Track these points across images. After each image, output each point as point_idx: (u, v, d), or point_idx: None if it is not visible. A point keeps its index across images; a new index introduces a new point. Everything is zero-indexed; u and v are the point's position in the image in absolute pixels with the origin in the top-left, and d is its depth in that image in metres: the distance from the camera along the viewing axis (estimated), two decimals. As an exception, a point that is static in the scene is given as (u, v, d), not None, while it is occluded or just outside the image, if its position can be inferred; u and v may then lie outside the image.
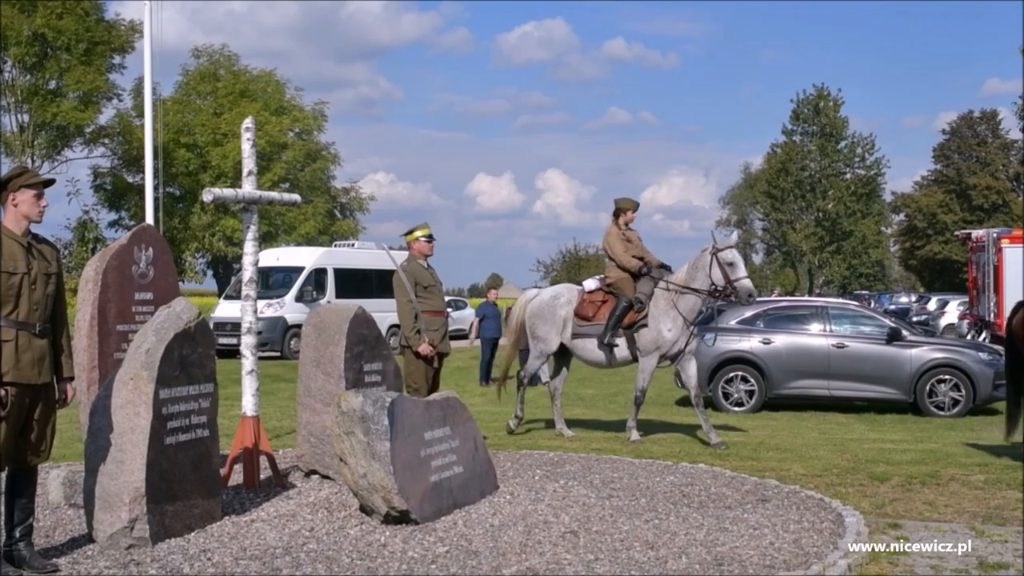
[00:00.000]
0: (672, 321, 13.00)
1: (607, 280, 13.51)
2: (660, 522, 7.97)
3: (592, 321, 13.37)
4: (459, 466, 8.43)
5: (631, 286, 13.18)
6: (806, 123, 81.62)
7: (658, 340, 13.05)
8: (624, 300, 13.07)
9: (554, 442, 13.07)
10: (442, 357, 11.56)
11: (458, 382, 22.90)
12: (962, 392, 17.29)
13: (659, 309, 13.07)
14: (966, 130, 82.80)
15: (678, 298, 13.02)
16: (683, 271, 13.24)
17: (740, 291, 13.01)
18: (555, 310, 13.73)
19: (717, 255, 12.97)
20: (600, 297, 13.51)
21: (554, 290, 14.55)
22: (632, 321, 13.09)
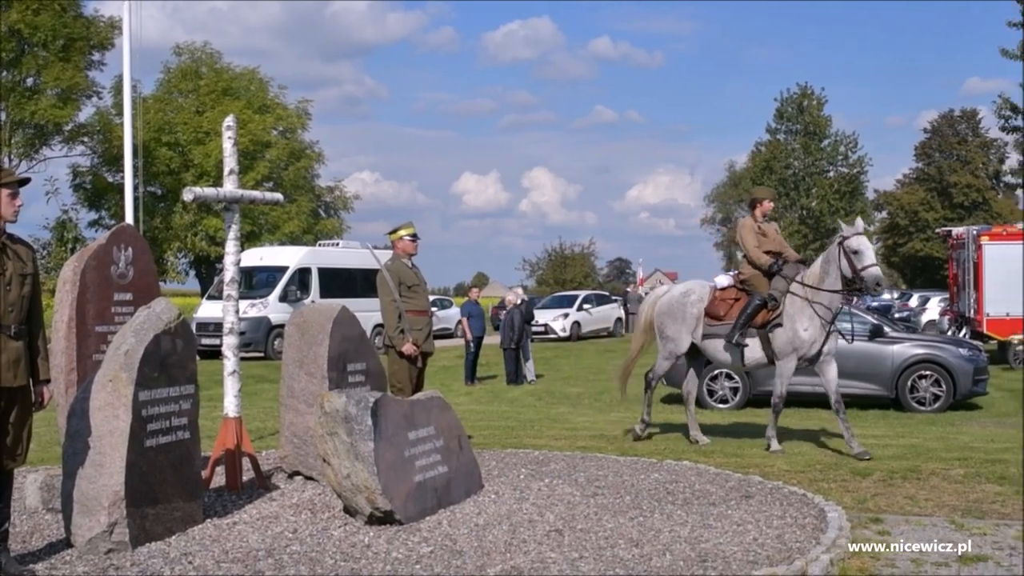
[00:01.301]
0: (809, 320, 12.04)
1: (740, 276, 12.76)
2: (645, 519, 7.96)
3: (723, 320, 12.54)
4: (443, 466, 8.40)
5: (765, 283, 12.36)
6: (790, 122, 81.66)
7: (795, 341, 12.09)
8: (757, 297, 12.23)
9: (539, 440, 13.03)
10: (426, 357, 11.51)
11: (443, 381, 22.88)
12: (943, 387, 17.36)
13: (795, 307, 12.15)
14: (947, 129, 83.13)
15: (814, 296, 12.10)
16: (817, 266, 12.35)
17: (867, 280, 11.83)
18: (686, 308, 12.90)
19: (843, 244, 12.01)
20: (733, 295, 12.69)
21: (685, 286, 13.49)
22: (765, 320, 12.21)
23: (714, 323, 12.63)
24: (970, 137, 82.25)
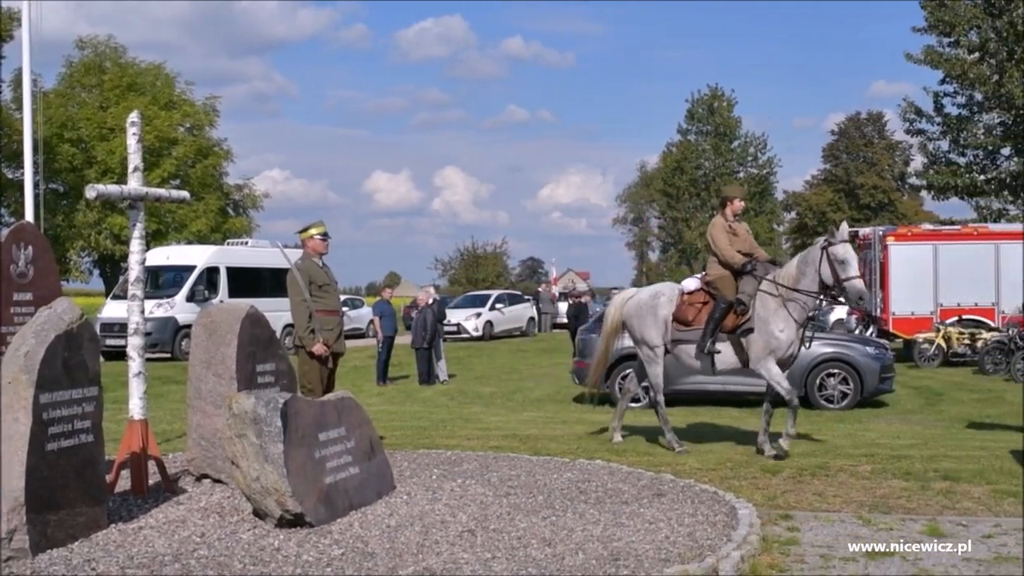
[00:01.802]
0: (784, 321, 11.68)
1: (707, 278, 12.30)
2: (557, 519, 7.94)
3: (692, 326, 12.12)
4: (355, 467, 8.31)
5: (732, 285, 11.92)
6: (701, 122, 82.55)
7: (771, 343, 11.69)
8: (723, 301, 11.82)
9: (451, 440, 12.98)
10: (337, 357, 11.39)
11: (355, 382, 22.76)
12: (850, 385, 17.63)
13: (768, 310, 11.74)
14: (854, 131, 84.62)
15: (788, 296, 11.74)
16: (792, 267, 11.98)
17: (850, 292, 11.55)
18: (657, 310, 12.42)
19: (828, 250, 11.63)
20: (701, 299, 12.23)
21: (654, 289, 13.03)
22: (735, 325, 11.81)
23: (683, 328, 12.23)
24: (876, 139, 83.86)
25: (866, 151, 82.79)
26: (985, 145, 40.84)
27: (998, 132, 40.78)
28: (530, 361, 30.24)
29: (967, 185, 40.58)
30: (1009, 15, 38.30)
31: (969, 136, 40.99)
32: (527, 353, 33.24)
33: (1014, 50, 38.44)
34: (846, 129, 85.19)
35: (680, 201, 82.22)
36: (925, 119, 42.16)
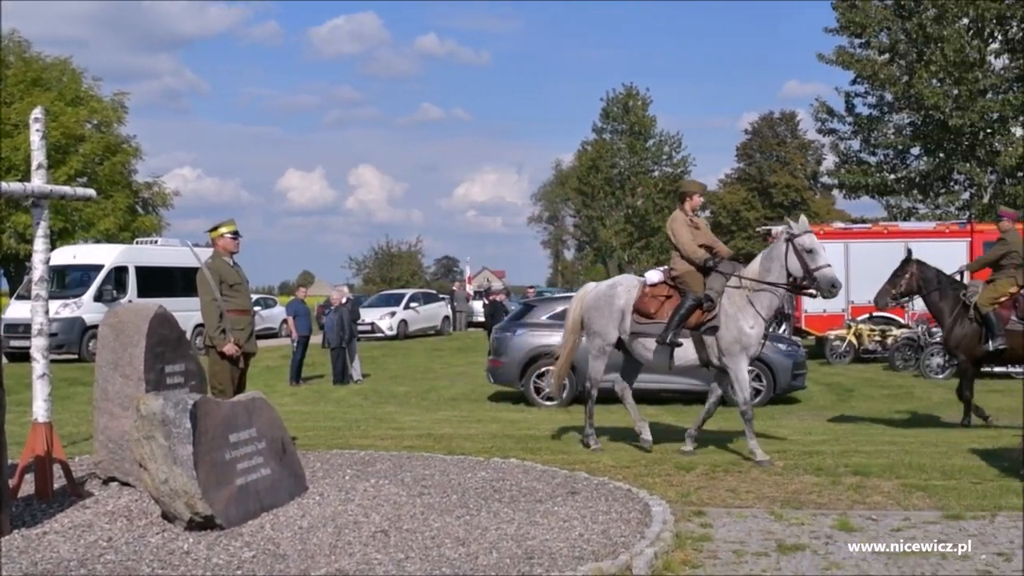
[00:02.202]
0: (753, 318, 11.40)
1: (672, 272, 11.95)
2: (471, 518, 7.90)
3: (654, 318, 11.78)
4: (266, 468, 8.21)
5: (699, 281, 11.66)
6: (616, 121, 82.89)
7: (742, 339, 11.39)
8: (692, 297, 11.52)
9: (365, 440, 12.88)
10: (248, 357, 11.26)
11: (267, 382, 22.56)
12: (763, 382, 17.82)
13: (735, 306, 11.45)
14: (767, 131, 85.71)
15: (753, 294, 11.46)
16: (756, 264, 11.72)
17: (821, 281, 11.22)
18: (612, 300, 12.14)
19: (793, 242, 11.39)
20: (664, 292, 11.92)
21: (613, 280, 12.75)
22: (700, 322, 11.52)
23: (643, 321, 11.90)
24: (789, 139, 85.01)
25: (779, 150, 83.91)
26: (895, 145, 41.59)
27: (908, 132, 41.55)
28: (445, 360, 30.17)
29: (878, 184, 41.26)
30: (919, 17, 39.05)
31: (880, 136, 41.71)
32: (442, 352, 33.15)
33: (923, 51, 39.20)
34: (759, 128, 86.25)
35: (595, 200, 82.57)
36: (837, 119, 42.84)
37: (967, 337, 14.71)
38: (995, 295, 14.63)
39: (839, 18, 41.30)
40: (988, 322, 14.52)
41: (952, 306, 14.85)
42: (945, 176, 40.99)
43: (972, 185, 40.33)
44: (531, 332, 18.62)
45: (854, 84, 42.06)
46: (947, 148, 40.42)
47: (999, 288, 14.71)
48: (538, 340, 18.41)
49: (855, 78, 41.57)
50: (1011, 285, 14.68)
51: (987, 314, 14.51)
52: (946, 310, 14.90)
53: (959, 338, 14.80)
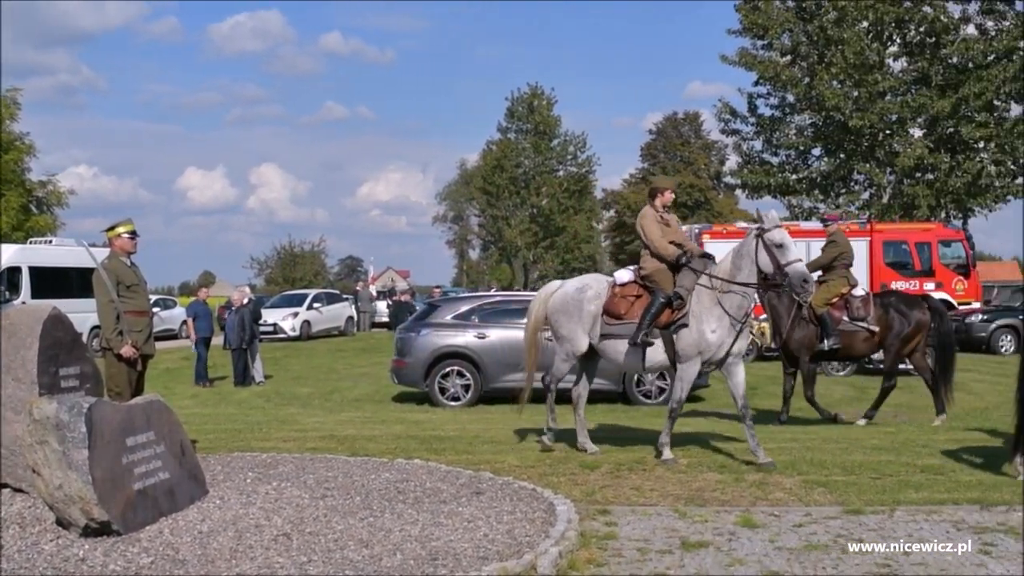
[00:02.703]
0: (717, 320, 10.99)
1: (642, 271, 11.57)
2: (375, 520, 7.84)
3: (624, 319, 11.39)
4: (165, 472, 8.05)
5: (669, 279, 11.31)
6: (520, 121, 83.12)
7: (700, 343, 11.03)
8: (661, 296, 11.16)
9: (267, 443, 12.71)
10: (146, 359, 11.07)
11: (167, 384, 22.24)
12: (667, 381, 17.94)
13: (702, 306, 11.07)
14: (671, 131, 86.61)
15: (723, 294, 11.08)
16: (727, 261, 11.27)
17: (792, 276, 10.79)
18: (582, 304, 11.69)
19: (763, 237, 10.97)
20: (634, 291, 11.54)
21: (580, 281, 12.24)
22: (670, 320, 11.16)
23: (613, 322, 11.50)
24: (693, 139, 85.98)
25: (683, 150, 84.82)
26: (797, 145, 42.31)
27: (809, 133, 42.31)
28: (348, 361, 29.97)
29: (780, 184, 41.94)
30: (819, 20, 39.78)
31: (781, 136, 42.41)
32: (345, 353, 32.92)
33: (824, 54, 39.94)
34: (663, 129, 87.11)
35: (500, 199, 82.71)
36: (740, 119, 43.49)
37: (807, 338, 15.17)
38: (828, 296, 15.18)
39: (742, 20, 41.92)
40: (823, 322, 14.96)
41: (788, 307, 15.23)
42: (845, 176, 41.83)
43: (872, 185, 41.17)
44: (436, 332, 18.57)
45: (756, 85, 42.74)
46: (847, 149, 41.24)
47: (832, 289, 15.25)
48: (443, 340, 18.37)
49: (757, 79, 42.22)
50: (843, 286, 15.23)
51: (822, 314, 14.93)
52: (783, 311, 15.27)
53: (800, 340, 15.32)
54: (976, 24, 40.46)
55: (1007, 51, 38.77)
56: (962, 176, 38.80)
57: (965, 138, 39.38)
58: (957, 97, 38.55)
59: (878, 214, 39.12)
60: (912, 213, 39.27)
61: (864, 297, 15.44)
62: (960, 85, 38.74)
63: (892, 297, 15.91)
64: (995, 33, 39.66)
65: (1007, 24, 39.62)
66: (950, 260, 31.18)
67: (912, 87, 40.19)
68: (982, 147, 40.19)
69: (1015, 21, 39.32)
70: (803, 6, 41.33)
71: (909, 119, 39.88)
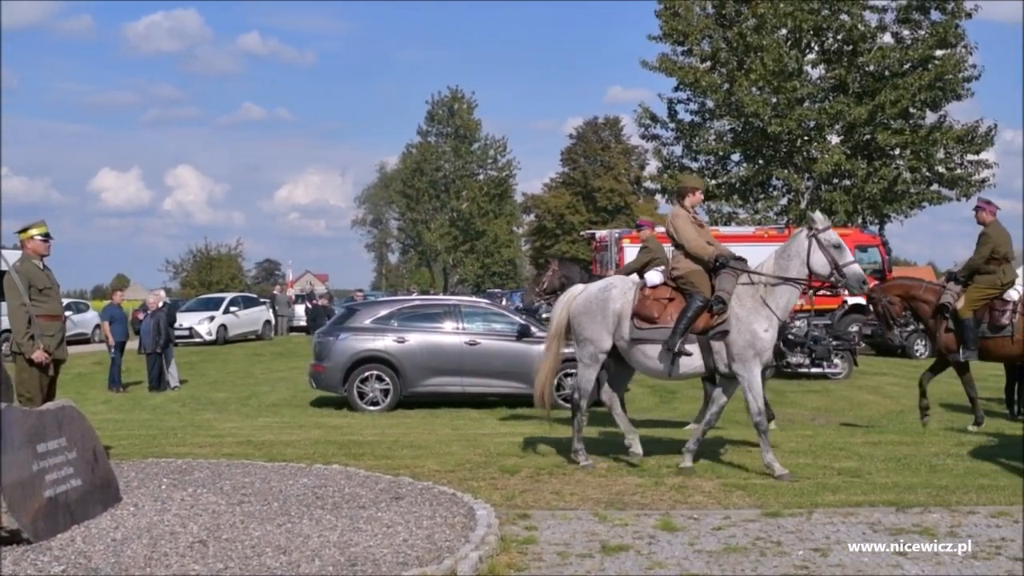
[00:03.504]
0: (767, 320, 10.57)
1: (675, 272, 11.01)
2: (293, 526, 7.75)
3: (657, 323, 10.81)
4: (77, 479, 7.90)
5: (706, 281, 10.78)
6: (441, 124, 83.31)
7: (756, 343, 10.53)
8: (699, 299, 10.65)
9: (182, 448, 12.52)
10: (59, 364, 10.87)
11: (79, 390, 21.88)
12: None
13: (746, 308, 10.60)
14: (592, 135, 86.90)
15: (768, 293, 10.65)
16: (770, 262, 10.86)
17: (851, 278, 10.63)
18: (606, 304, 11.07)
19: (817, 237, 10.70)
20: (666, 294, 10.96)
21: (605, 282, 11.67)
22: (708, 325, 10.64)
23: (645, 326, 10.88)
24: (613, 144, 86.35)
25: (603, 155, 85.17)
26: (716, 151, 42.69)
27: (728, 138, 42.73)
28: (266, 365, 29.73)
29: (699, 189, 42.21)
30: (739, 27, 40.20)
31: (701, 142, 42.76)
32: (263, 357, 32.65)
33: (744, 60, 40.38)
34: (584, 133, 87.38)
35: (420, 203, 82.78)
36: (660, 125, 43.78)
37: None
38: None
39: (662, 26, 42.22)
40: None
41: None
42: (764, 182, 42.30)
43: (790, 191, 41.68)
44: (354, 336, 18.44)
45: (676, 91, 43.06)
46: (766, 155, 41.72)
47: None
48: (361, 344, 18.25)
49: (677, 85, 42.55)
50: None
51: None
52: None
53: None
54: (892, 33, 41.13)
55: (922, 60, 39.47)
56: (878, 182, 39.39)
57: (881, 145, 40.02)
58: (874, 104, 39.14)
59: (796, 219, 39.56)
60: (829, 218, 39.68)
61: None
62: (877, 93, 39.34)
63: None
64: (911, 42, 40.34)
65: (922, 33, 40.34)
66: (867, 265, 31.60)
67: (830, 94, 40.74)
68: (898, 154, 40.85)
69: (930, 30, 40.06)
70: (722, 13, 41.75)
71: (827, 126, 40.42)
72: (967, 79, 40.26)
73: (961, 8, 39.98)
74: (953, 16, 39.81)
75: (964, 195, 40.98)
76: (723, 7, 41.67)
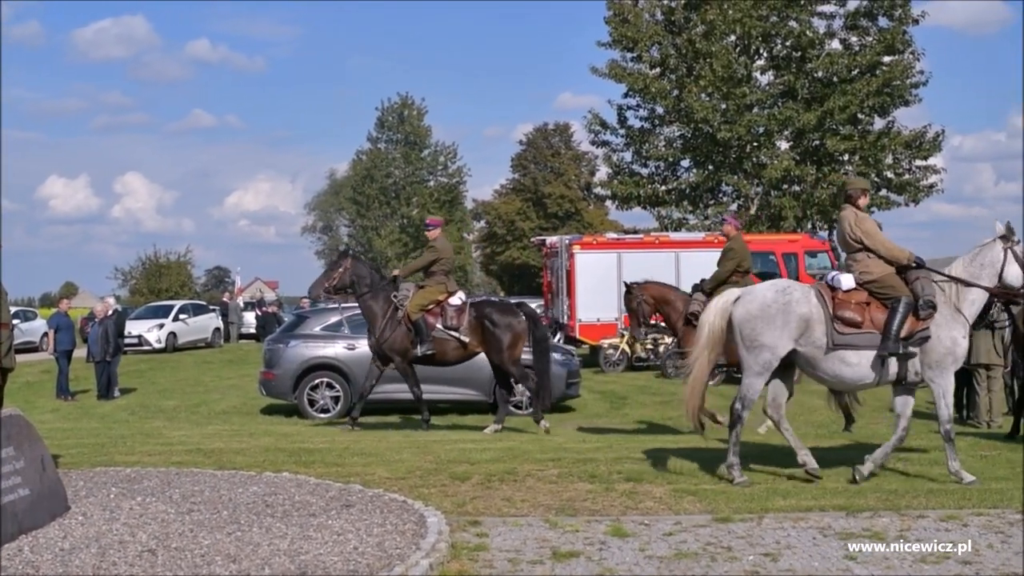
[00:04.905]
0: (963, 327, 10.28)
1: (866, 276, 10.46)
2: (243, 534, 7.71)
3: (863, 328, 10.25)
4: (25, 488, 7.82)
5: (902, 284, 10.37)
6: (391, 131, 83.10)
7: (955, 351, 10.23)
8: (905, 302, 10.17)
9: (131, 457, 12.39)
10: (6, 373, 10.72)
11: (27, 398, 21.65)
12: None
13: (943, 314, 10.24)
14: (542, 141, 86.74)
15: (961, 299, 10.33)
16: (959, 267, 10.49)
17: None
18: (789, 308, 10.29)
19: (1013, 249, 10.26)
20: (862, 297, 10.41)
21: (777, 284, 10.89)
22: (913, 330, 10.21)
23: (850, 331, 10.28)
24: (563, 150, 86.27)
25: (553, 161, 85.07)
26: (666, 157, 42.90)
27: (678, 144, 42.94)
28: (216, 373, 29.52)
29: (649, 195, 42.45)
30: (688, 33, 40.45)
31: (651, 148, 42.93)
32: (212, 365, 32.41)
33: (693, 67, 40.64)
34: (534, 139, 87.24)
35: (370, 210, 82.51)
36: (609, 131, 43.92)
37: (398, 340, 15.36)
38: (423, 302, 15.40)
39: (611, 32, 42.37)
40: (418, 329, 15.19)
41: (384, 308, 15.47)
42: (714, 188, 42.55)
43: (740, 196, 41.95)
44: (304, 344, 18.38)
45: (626, 97, 43.23)
46: (716, 161, 41.98)
47: (428, 295, 15.48)
48: (312, 352, 18.20)
49: (627, 91, 42.72)
50: (439, 293, 15.48)
51: (416, 321, 15.17)
52: (378, 312, 15.48)
53: (391, 342, 15.47)
54: (841, 39, 41.55)
55: (870, 66, 39.90)
56: (827, 188, 39.74)
57: (830, 151, 40.39)
58: (822, 110, 39.51)
59: (746, 225, 39.83)
60: (779, 224, 40.09)
61: (459, 306, 15.61)
62: (825, 99, 39.72)
63: (487, 307, 16.09)
64: (859, 48, 40.77)
65: (870, 39, 40.78)
66: (816, 270, 31.88)
67: (779, 100, 41.08)
68: (847, 160, 41.26)
69: (878, 37, 40.50)
70: (672, 20, 41.99)
71: (776, 132, 40.75)
72: (915, 85, 40.81)
73: (908, 14, 40.49)
74: (900, 22, 40.32)
75: (913, 200, 41.52)
76: (672, 14, 41.91)
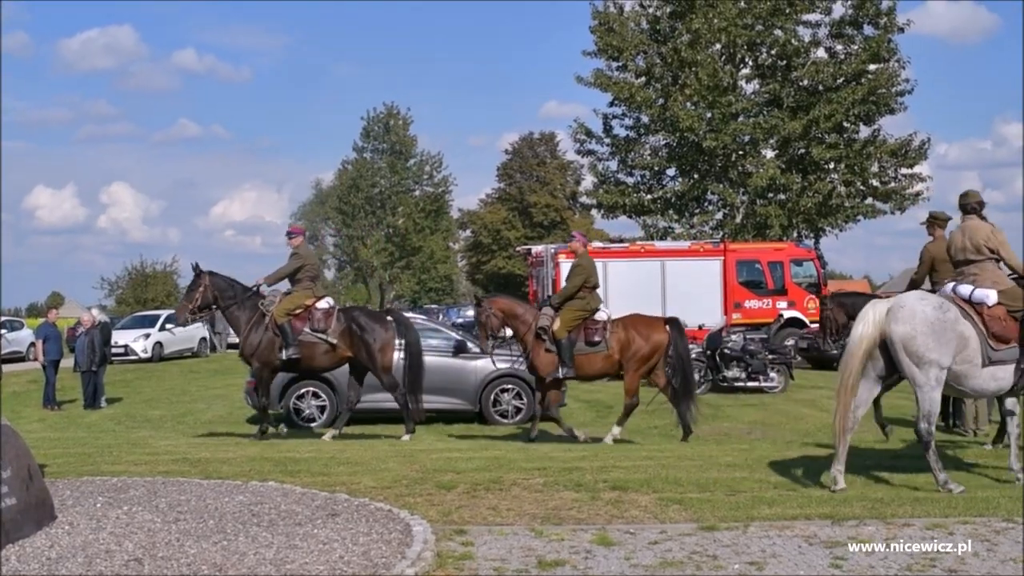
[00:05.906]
0: None
1: (1000, 286, 10.51)
2: (229, 543, 7.73)
3: (1011, 343, 10.27)
4: (11, 498, 7.84)
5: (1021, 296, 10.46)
6: (376, 140, 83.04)
7: None
8: None
9: (118, 466, 12.36)
10: (-8, 382, 10.76)
11: (14, 408, 21.64)
12: (524, 400, 18.04)
13: None
14: (527, 151, 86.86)
15: None
16: None
17: None
18: (953, 325, 10.22)
19: None
20: (1003, 312, 10.38)
21: (931, 300, 10.57)
22: None
23: (1002, 347, 10.27)
24: (549, 159, 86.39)
25: (539, 170, 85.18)
26: (651, 166, 42.99)
27: (663, 153, 43.05)
28: (202, 382, 29.48)
29: (635, 204, 42.52)
30: (673, 42, 40.55)
31: (636, 157, 43.03)
32: (199, 374, 32.37)
33: (678, 75, 40.75)
34: (520, 149, 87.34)
35: (355, 219, 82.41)
36: (595, 140, 43.98)
37: (263, 345, 15.60)
38: (290, 306, 15.65)
39: (597, 41, 42.49)
40: (283, 332, 15.44)
41: (250, 315, 15.75)
42: (699, 196, 42.62)
43: (725, 205, 42.04)
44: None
45: (612, 106, 43.35)
46: (701, 169, 42.09)
47: (295, 300, 15.74)
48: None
49: (612, 100, 42.82)
50: (307, 298, 15.76)
51: (282, 325, 15.44)
52: (243, 319, 15.77)
53: (254, 346, 15.69)
54: (826, 48, 41.76)
55: (856, 74, 40.06)
56: (813, 196, 39.88)
57: (816, 159, 40.55)
58: (808, 119, 39.66)
59: (731, 234, 39.94)
60: (765, 233, 40.19)
61: (327, 310, 15.83)
62: (811, 107, 39.88)
63: (356, 312, 16.42)
64: (844, 57, 40.97)
65: (856, 48, 40.97)
66: (802, 279, 32.01)
67: (764, 109, 41.21)
68: (832, 168, 41.41)
69: (863, 45, 40.67)
70: (657, 29, 42.13)
71: (761, 140, 40.86)
72: (900, 93, 41.01)
73: (894, 23, 40.64)
74: (886, 31, 40.48)
75: (898, 208, 41.66)
76: (657, 23, 42.06)
